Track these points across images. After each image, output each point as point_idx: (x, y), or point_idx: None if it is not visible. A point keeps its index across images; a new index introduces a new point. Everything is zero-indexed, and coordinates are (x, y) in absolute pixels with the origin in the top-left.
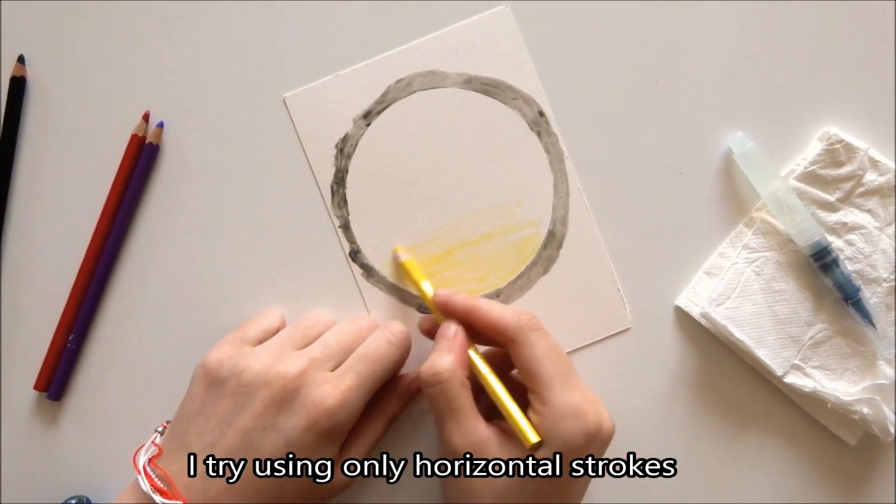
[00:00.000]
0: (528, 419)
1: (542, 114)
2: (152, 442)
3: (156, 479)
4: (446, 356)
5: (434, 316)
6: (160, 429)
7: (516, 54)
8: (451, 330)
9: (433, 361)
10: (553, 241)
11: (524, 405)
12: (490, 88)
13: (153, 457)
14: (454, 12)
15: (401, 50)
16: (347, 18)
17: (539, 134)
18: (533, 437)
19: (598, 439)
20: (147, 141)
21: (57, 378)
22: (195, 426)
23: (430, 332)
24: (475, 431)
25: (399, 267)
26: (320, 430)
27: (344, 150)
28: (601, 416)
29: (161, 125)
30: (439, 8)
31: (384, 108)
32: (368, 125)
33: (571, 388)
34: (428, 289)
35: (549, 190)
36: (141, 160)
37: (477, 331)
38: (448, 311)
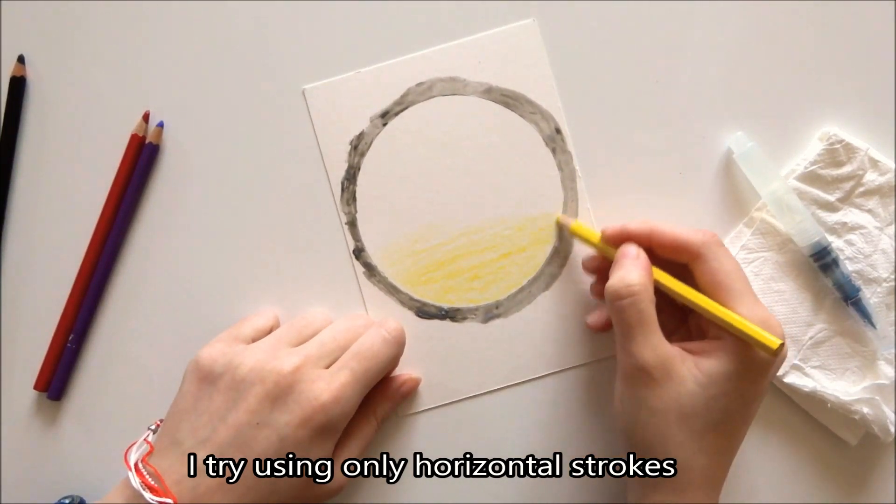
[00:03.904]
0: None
1: (558, 131)
2: (144, 439)
3: (147, 477)
4: (636, 270)
5: (601, 253)
6: (153, 427)
7: (538, 69)
8: (633, 250)
9: (624, 275)
10: (557, 258)
11: (688, 330)
12: (509, 100)
13: (145, 454)
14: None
15: (424, 53)
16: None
17: (554, 151)
18: (776, 340)
19: (783, 352)
20: (147, 141)
21: (57, 378)
22: (187, 422)
23: (597, 270)
24: (663, 346)
25: (570, 234)
26: (314, 426)
27: (358, 147)
28: (783, 330)
29: (161, 125)
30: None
31: (402, 110)
32: (385, 125)
33: (757, 301)
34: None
35: (559, 207)
36: (141, 160)
37: (652, 254)
38: (625, 239)
